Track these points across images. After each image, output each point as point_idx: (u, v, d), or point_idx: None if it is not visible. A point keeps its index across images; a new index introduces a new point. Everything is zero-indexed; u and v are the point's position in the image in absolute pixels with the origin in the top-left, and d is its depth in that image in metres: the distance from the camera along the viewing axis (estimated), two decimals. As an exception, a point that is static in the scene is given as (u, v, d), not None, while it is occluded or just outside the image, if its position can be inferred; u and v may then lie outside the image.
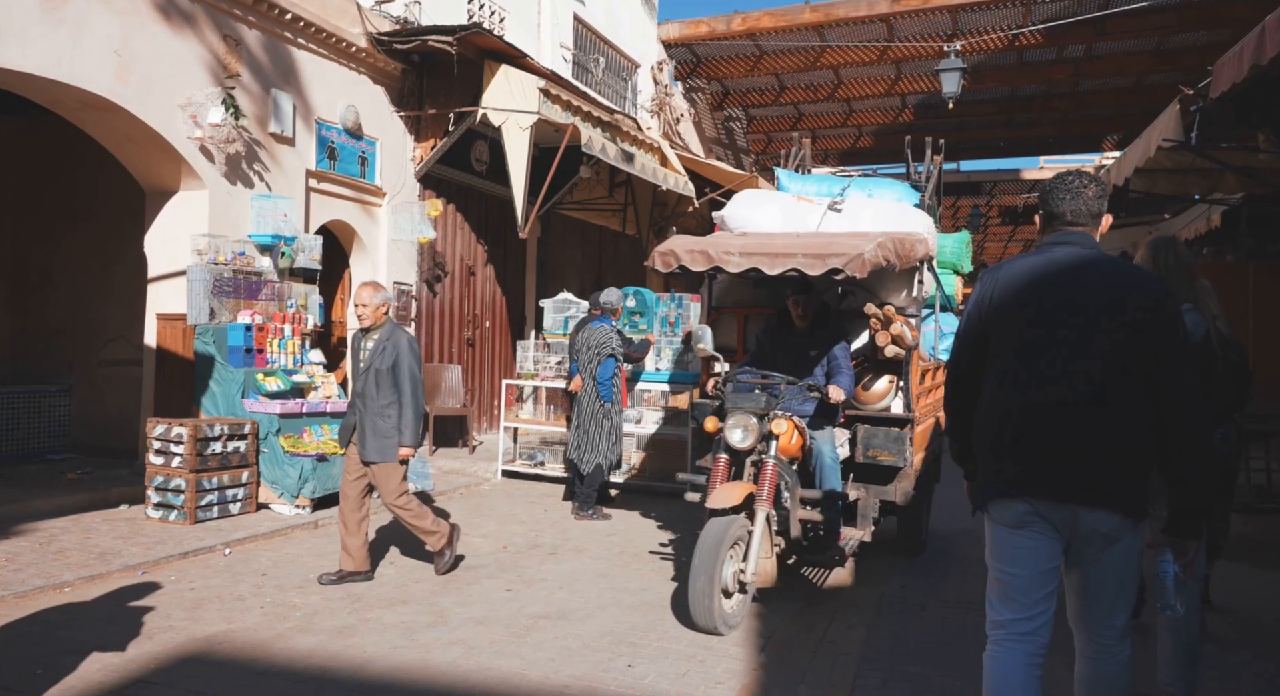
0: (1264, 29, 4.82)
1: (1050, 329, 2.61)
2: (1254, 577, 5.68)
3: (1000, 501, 2.68)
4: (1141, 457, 2.57)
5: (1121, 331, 2.55)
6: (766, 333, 5.62)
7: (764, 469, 4.68)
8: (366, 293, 5.32)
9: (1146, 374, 2.54)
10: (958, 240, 7.24)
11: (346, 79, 9.03)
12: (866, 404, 5.61)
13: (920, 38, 13.92)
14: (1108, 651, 2.67)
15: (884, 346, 5.34)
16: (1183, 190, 8.65)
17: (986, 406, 2.73)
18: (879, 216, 5.72)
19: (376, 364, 5.28)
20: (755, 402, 4.76)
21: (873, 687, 3.85)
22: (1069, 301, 2.60)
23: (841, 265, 4.72)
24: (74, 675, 3.73)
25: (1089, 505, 2.54)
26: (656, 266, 5.28)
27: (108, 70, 6.67)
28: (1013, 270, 2.75)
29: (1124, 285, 2.59)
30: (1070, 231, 2.71)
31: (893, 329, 5.29)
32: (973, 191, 20.93)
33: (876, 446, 5.37)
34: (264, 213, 7.81)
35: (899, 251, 5.06)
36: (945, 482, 6.60)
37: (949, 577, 5.75)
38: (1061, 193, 2.72)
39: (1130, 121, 15.88)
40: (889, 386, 5.59)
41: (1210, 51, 10.16)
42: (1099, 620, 2.66)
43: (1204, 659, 3.69)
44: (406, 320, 9.99)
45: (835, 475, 5.09)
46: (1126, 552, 2.59)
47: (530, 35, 12.27)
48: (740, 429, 4.76)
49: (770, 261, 4.93)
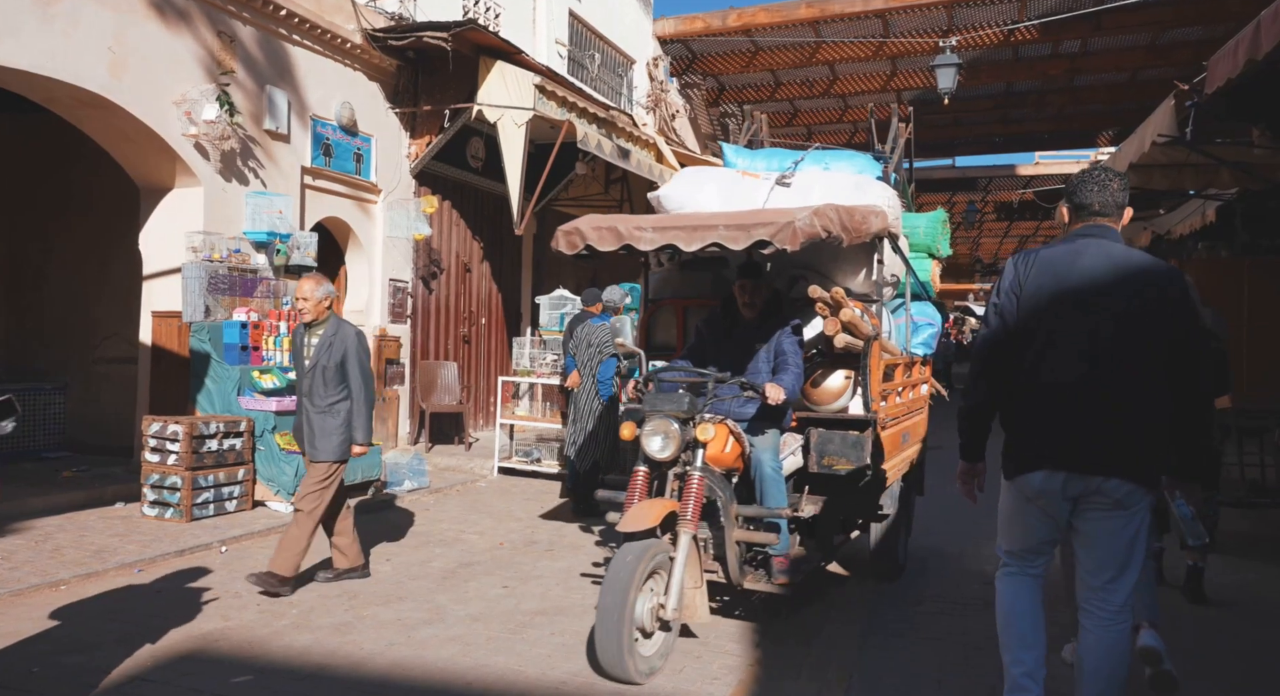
0: (1259, 24, 4.83)
1: (1081, 314, 2.86)
2: (1251, 571, 5.70)
3: (1028, 474, 2.96)
4: (1161, 431, 2.87)
5: (1146, 315, 2.83)
6: (708, 324, 4.88)
7: (688, 483, 3.99)
8: (308, 285, 5.07)
9: (1165, 352, 2.84)
10: (932, 220, 6.51)
11: (341, 75, 9.01)
12: (819, 403, 4.86)
13: (915, 33, 13.91)
14: (1110, 621, 2.91)
15: (833, 335, 4.50)
16: (1178, 186, 8.66)
17: (1026, 386, 2.96)
18: (833, 190, 4.98)
19: (323, 361, 5.04)
20: (677, 404, 4.04)
21: (869, 683, 3.86)
22: (1098, 289, 2.85)
23: (769, 236, 4.00)
24: (71, 673, 3.73)
25: (1110, 474, 2.83)
26: (560, 247, 4.59)
27: (102, 67, 6.64)
28: (1045, 257, 2.99)
29: (1148, 274, 2.87)
30: (1097, 222, 2.98)
31: (843, 315, 4.43)
32: (968, 187, 20.96)
33: (831, 453, 4.56)
34: (259, 210, 7.79)
35: (846, 223, 4.26)
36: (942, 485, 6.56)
37: (944, 576, 5.76)
38: (1090, 185, 2.98)
39: (1125, 117, 15.91)
40: (845, 383, 4.81)
41: (1205, 47, 10.17)
42: (1104, 586, 2.91)
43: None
44: (403, 317, 9.98)
45: (778, 488, 4.37)
46: (1137, 521, 2.89)
47: (526, 31, 12.25)
48: (659, 436, 4.05)
49: (688, 236, 4.21)
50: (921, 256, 6.37)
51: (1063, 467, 2.88)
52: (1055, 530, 3.03)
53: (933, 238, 6.40)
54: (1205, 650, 4.28)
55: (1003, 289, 3.06)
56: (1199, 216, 10.69)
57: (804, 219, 4.03)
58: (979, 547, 6.31)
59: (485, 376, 11.59)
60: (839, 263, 5.16)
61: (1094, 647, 2.93)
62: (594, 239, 4.48)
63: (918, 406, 5.98)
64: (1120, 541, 2.90)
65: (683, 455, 4.09)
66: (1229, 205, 10.17)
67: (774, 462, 4.40)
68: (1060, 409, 2.89)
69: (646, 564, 3.73)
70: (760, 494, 4.38)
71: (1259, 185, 8.39)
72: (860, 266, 5.10)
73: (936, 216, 6.55)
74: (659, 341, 5.57)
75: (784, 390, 4.28)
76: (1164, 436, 2.88)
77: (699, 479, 4.02)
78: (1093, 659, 2.92)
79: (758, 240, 4.06)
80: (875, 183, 5.29)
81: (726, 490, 4.22)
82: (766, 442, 4.47)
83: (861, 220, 4.42)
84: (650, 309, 5.77)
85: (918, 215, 6.63)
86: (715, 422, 4.19)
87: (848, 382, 4.80)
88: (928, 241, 6.40)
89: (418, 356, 10.28)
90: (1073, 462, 2.86)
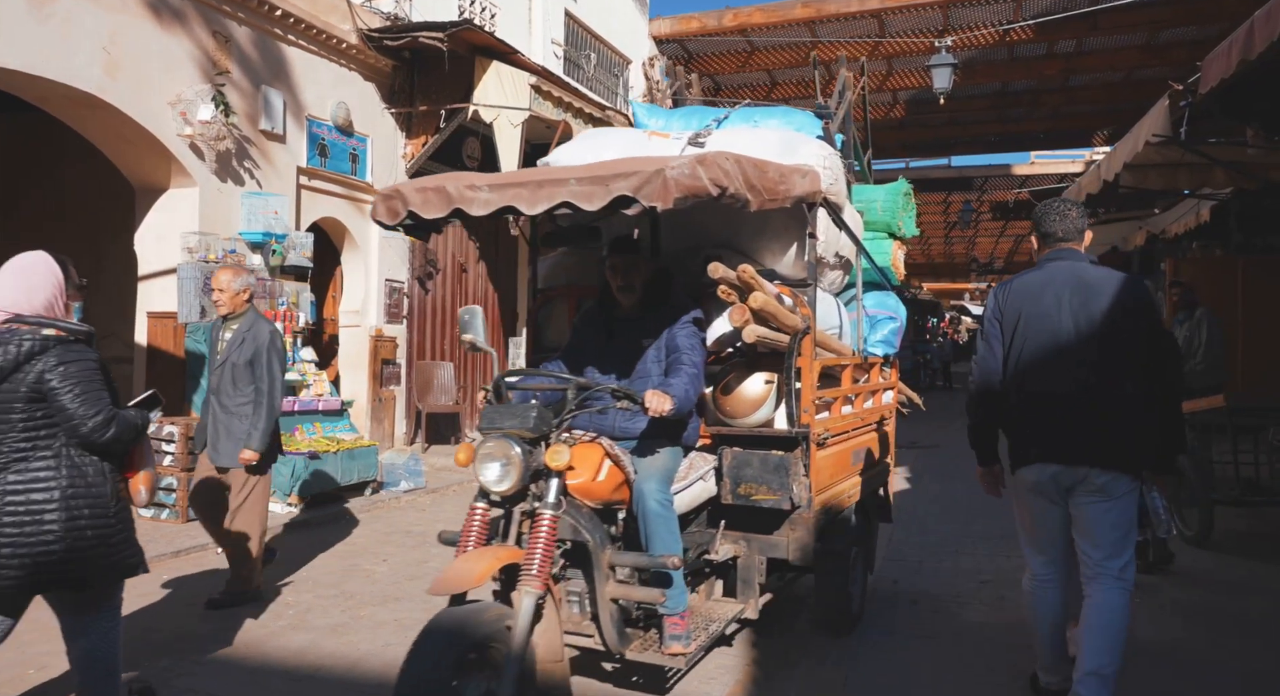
0: (1252, 24, 4.84)
1: (1056, 328, 3.25)
2: (1247, 570, 5.72)
3: (1028, 467, 3.33)
4: (1136, 425, 3.21)
5: (1120, 325, 3.20)
6: (585, 320, 3.99)
7: (537, 525, 3.02)
8: (225, 276, 4.73)
9: (1138, 355, 3.21)
10: (891, 192, 5.46)
11: (337, 76, 9.00)
12: (735, 416, 3.91)
13: (911, 33, 13.93)
14: (1111, 583, 3.25)
15: (740, 326, 3.55)
16: (1172, 185, 8.68)
17: (1017, 394, 3.34)
18: (756, 149, 3.89)
19: (234, 357, 4.66)
20: (522, 420, 3.06)
21: (865, 682, 3.86)
22: (1075, 305, 3.25)
23: (631, 191, 3.01)
24: (67, 674, 3.72)
25: (1097, 466, 3.18)
26: (380, 218, 3.62)
27: (97, 67, 6.63)
28: (1021, 283, 3.41)
29: (1116, 287, 3.25)
30: (1062, 247, 3.39)
31: (754, 301, 3.48)
32: (964, 187, 20.99)
33: (749, 479, 3.74)
34: (255, 210, 7.78)
35: (752, 178, 3.34)
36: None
37: (940, 574, 5.78)
38: (1053, 216, 3.42)
39: (1121, 116, 15.93)
40: (766, 390, 3.86)
41: (1200, 46, 10.20)
42: (1102, 558, 3.26)
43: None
44: (399, 317, 9.97)
45: (667, 527, 3.39)
46: (1124, 504, 3.24)
47: (522, 31, 12.25)
48: (495, 462, 3.05)
49: (531, 195, 3.24)
50: (880, 236, 5.36)
51: (1053, 461, 3.25)
52: (1062, 515, 3.35)
53: (893, 213, 5.34)
54: (1204, 650, 4.30)
55: (987, 317, 3.49)
56: (1194, 216, 10.72)
57: (680, 168, 3.03)
58: (974, 546, 6.32)
59: (482, 376, 11.58)
60: (764, 238, 4.19)
61: (1098, 606, 3.26)
62: (418, 203, 3.48)
63: (877, 418, 5.02)
64: (1108, 523, 3.24)
65: (533, 487, 3.11)
66: (1223, 204, 10.21)
67: (661, 494, 3.41)
68: (1047, 412, 3.27)
69: (466, 640, 2.68)
70: (645, 536, 3.40)
71: (1253, 184, 8.42)
72: (794, 243, 4.13)
73: (896, 188, 5.46)
74: (550, 341, 4.59)
75: (671, 399, 3.26)
76: (1139, 430, 3.22)
77: (549, 520, 3.02)
78: (1096, 616, 3.25)
79: (618, 197, 3.04)
80: (810, 141, 4.32)
81: (598, 531, 3.28)
82: (653, 467, 3.48)
83: (778, 178, 3.54)
84: (538, 300, 4.71)
85: (875, 187, 5.60)
86: (586, 441, 3.38)
87: (769, 389, 3.87)
88: (887, 218, 5.34)
89: (414, 357, 10.28)
90: (1061, 457, 3.24)
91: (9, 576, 2.67)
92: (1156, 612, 4.76)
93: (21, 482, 2.68)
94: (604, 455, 3.37)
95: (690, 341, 3.65)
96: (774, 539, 3.86)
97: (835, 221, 4.28)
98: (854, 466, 4.53)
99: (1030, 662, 3.72)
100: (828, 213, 4.13)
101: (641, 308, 3.78)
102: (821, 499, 3.93)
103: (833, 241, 4.31)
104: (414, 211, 3.52)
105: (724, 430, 3.92)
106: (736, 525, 3.92)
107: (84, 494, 2.77)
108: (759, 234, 4.19)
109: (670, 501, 3.45)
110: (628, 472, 3.43)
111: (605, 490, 3.35)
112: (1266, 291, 9.31)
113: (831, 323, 4.44)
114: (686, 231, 4.20)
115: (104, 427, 2.78)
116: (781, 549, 3.84)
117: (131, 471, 3.06)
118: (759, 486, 3.75)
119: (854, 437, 4.52)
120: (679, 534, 3.44)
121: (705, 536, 3.88)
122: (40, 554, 2.68)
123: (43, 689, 3.64)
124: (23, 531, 2.66)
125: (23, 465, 2.69)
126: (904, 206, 5.45)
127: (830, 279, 4.45)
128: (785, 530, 3.85)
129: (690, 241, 4.33)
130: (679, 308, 3.75)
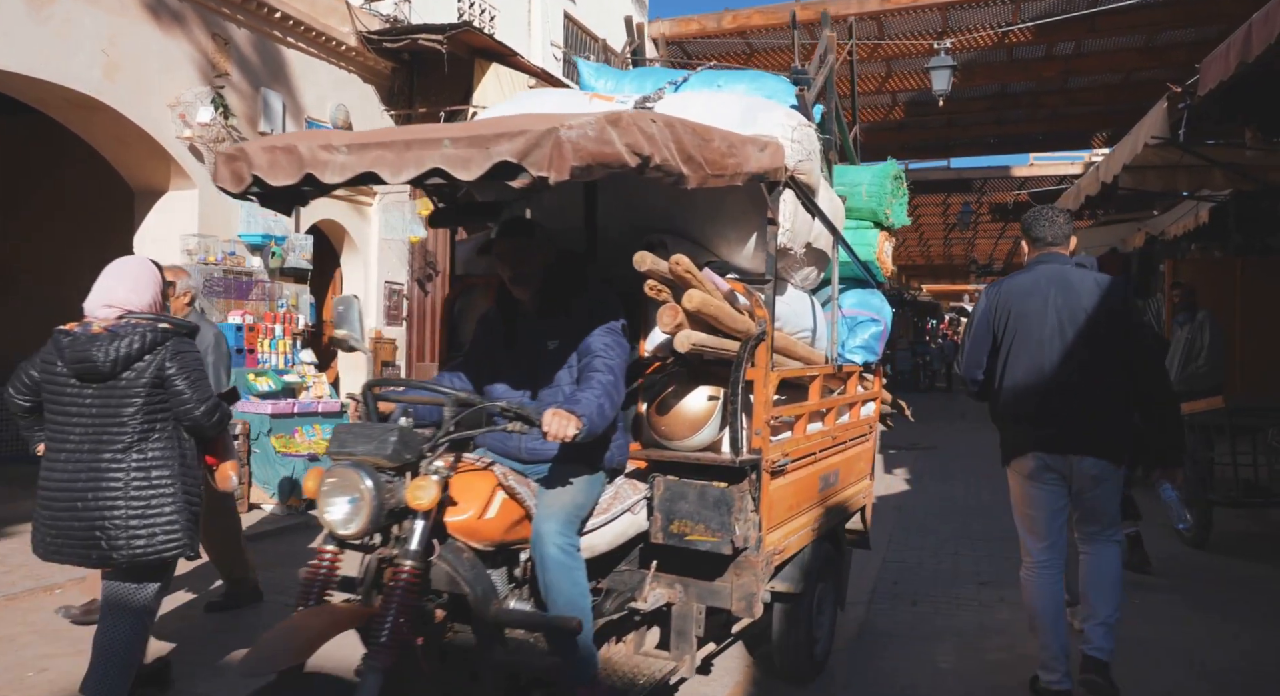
0: (1250, 27, 4.85)
1: (1049, 327, 3.49)
2: (1249, 571, 5.72)
3: (1020, 458, 3.59)
4: (1122, 419, 3.52)
5: (1101, 324, 3.46)
6: (485, 323, 3.31)
7: (394, 578, 2.41)
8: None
9: (1122, 353, 3.46)
10: (879, 175, 4.70)
11: (336, 78, 9.01)
12: (671, 438, 3.19)
13: (910, 35, 13.93)
14: (1105, 546, 3.64)
15: (670, 331, 2.86)
16: (1171, 187, 8.68)
17: (1006, 388, 3.61)
18: (710, 116, 3.16)
19: None
20: (378, 446, 2.45)
21: (865, 683, 3.86)
22: (1060, 305, 3.50)
23: (514, 157, 2.24)
24: (67, 677, 3.72)
25: (1084, 454, 3.46)
26: (222, 183, 2.80)
27: (96, 69, 6.64)
28: (1013, 284, 3.65)
29: (1100, 288, 3.51)
30: (1050, 251, 3.65)
31: (689, 300, 2.80)
32: (963, 188, 20.98)
33: (683, 516, 3.08)
34: (254, 212, 7.79)
35: (687, 147, 2.59)
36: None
37: (940, 576, 5.78)
38: (1042, 222, 3.69)
39: (1120, 118, 15.93)
40: (709, 407, 3.15)
41: (1199, 48, 10.21)
42: (1098, 531, 3.64)
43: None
44: (399, 319, 9.98)
45: (569, 579, 2.73)
46: (1112, 488, 3.57)
47: (521, 33, 12.26)
48: (342, 498, 2.43)
49: (397, 159, 2.44)
50: (864, 226, 4.67)
51: (1044, 450, 3.52)
52: (1058, 498, 3.57)
53: (880, 199, 4.62)
54: (1204, 650, 4.30)
55: (979, 315, 3.75)
56: (1192, 217, 10.72)
57: (582, 129, 2.25)
58: (974, 547, 6.32)
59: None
60: (720, 224, 3.47)
61: (1094, 562, 3.64)
62: (264, 166, 2.64)
63: (854, 435, 4.34)
64: (1098, 504, 3.58)
65: (396, 528, 2.49)
66: (1222, 206, 10.21)
67: (563, 537, 2.74)
68: (1039, 404, 3.52)
69: None
70: (543, 588, 2.75)
71: (1251, 186, 8.43)
72: (755, 231, 3.41)
73: (885, 170, 4.72)
74: (466, 337, 3.78)
75: (577, 419, 2.61)
76: (1120, 421, 3.51)
77: (409, 572, 2.40)
78: (1094, 572, 3.63)
79: (499, 163, 2.25)
80: (776, 108, 3.56)
81: (481, 583, 2.65)
82: (558, 502, 2.81)
83: (726, 149, 2.81)
84: (454, 291, 3.98)
85: (860, 168, 4.88)
86: (475, 469, 2.80)
87: (714, 406, 3.15)
88: (873, 204, 4.62)
89: (413, 358, 10.28)
90: (1053, 446, 3.50)
91: (136, 546, 2.92)
92: (1156, 613, 4.77)
93: (144, 460, 2.97)
94: (495, 486, 2.76)
95: (606, 340, 2.95)
96: (715, 585, 3.21)
97: (807, 206, 3.56)
98: (822, 493, 3.87)
99: (1030, 665, 3.72)
100: (797, 195, 3.43)
101: (543, 303, 3.09)
102: (776, 537, 3.32)
103: (803, 230, 3.57)
104: (260, 176, 2.67)
105: (657, 455, 3.23)
106: (671, 567, 3.25)
107: (189, 474, 3.09)
108: (713, 218, 3.50)
109: (575, 546, 2.79)
110: (528, 507, 2.81)
111: (497, 529, 2.73)
112: (1265, 292, 9.31)
113: (802, 325, 3.82)
114: (633, 212, 3.49)
115: (212, 412, 3.09)
116: (723, 597, 3.19)
117: (212, 458, 3.44)
118: (695, 524, 3.07)
119: (824, 459, 3.86)
120: (586, 586, 2.81)
121: (635, 579, 3.24)
122: (164, 525, 2.96)
123: (43, 690, 3.63)
124: (149, 505, 2.95)
125: (144, 445, 2.98)
126: (894, 191, 4.70)
127: (804, 275, 3.88)
128: (729, 575, 3.19)
129: (636, 225, 3.59)
130: (597, 301, 3.05)
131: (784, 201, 3.34)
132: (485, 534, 2.72)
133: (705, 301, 2.86)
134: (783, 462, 3.33)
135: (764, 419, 3.17)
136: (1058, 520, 3.60)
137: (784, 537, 3.42)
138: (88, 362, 2.96)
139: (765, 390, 3.19)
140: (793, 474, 3.48)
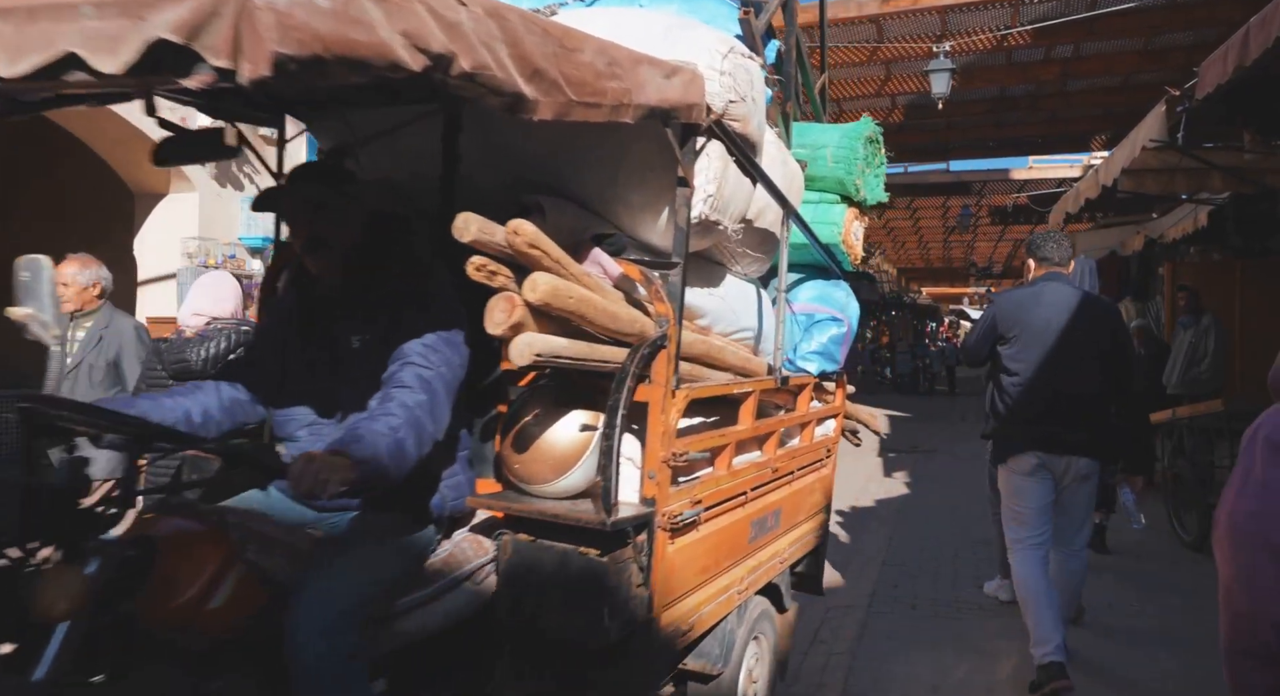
0: (1248, 30, 4.86)
1: (1049, 339, 3.88)
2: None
3: (1018, 456, 3.97)
4: (1107, 421, 3.95)
5: (1096, 341, 3.88)
6: (277, 310, 2.52)
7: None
8: (71, 269, 4.02)
9: (1109, 366, 3.89)
10: (849, 135, 3.67)
11: (336, 81, 9.01)
12: (530, 481, 2.31)
13: (909, 38, 13.96)
14: (1075, 553, 4.15)
15: (503, 334, 1.97)
16: (1170, 190, 8.70)
17: (1008, 392, 3.99)
18: (626, 35, 2.22)
19: (90, 358, 4.01)
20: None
21: (864, 686, 3.87)
22: (1061, 320, 3.90)
23: (179, 34, 1.20)
24: (65, 680, 3.72)
25: (1078, 454, 3.89)
26: None
27: (96, 73, 6.64)
28: (1021, 296, 4.10)
29: (1095, 308, 3.98)
30: (1054, 270, 4.09)
31: (530, 289, 1.94)
32: (962, 191, 21.03)
33: (536, 592, 2.16)
34: (254, 215, 7.79)
35: (529, 54, 1.63)
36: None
37: (939, 579, 5.78)
38: (1050, 243, 4.15)
39: (1118, 120, 15.97)
40: (585, 440, 2.28)
41: (1197, 51, 10.23)
42: (1073, 532, 4.09)
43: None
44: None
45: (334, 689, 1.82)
46: (1094, 485, 4.04)
47: (520, 36, 12.28)
48: None
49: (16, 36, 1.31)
50: (829, 199, 3.71)
51: (1045, 450, 3.90)
52: (1049, 492, 3.96)
53: (849, 166, 3.61)
54: (1202, 637, 4.31)
55: (989, 316, 4.17)
56: (1191, 220, 10.74)
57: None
58: (973, 551, 6.32)
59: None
60: (616, 183, 2.51)
61: (1064, 570, 4.11)
62: None
63: (805, 462, 3.42)
64: (1083, 501, 4.03)
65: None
66: (1221, 209, 10.23)
67: (331, 638, 1.81)
68: (1039, 409, 3.92)
69: None
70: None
71: (1250, 188, 8.44)
72: (667, 195, 2.42)
73: (856, 130, 3.73)
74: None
75: (349, 464, 1.77)
76: (1106, 425, 3.93)
77: None
78: (1062, 579, 4.07)
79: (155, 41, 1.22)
80: (708, 32, 2.53)
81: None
82: (328, 581, 1.88)
83: (602, 66, 1.88)
84: (277, 260, 2.96)
85: (827, 127, 3.95)
86: (192, 529, 1.87)
87: (590, 438, 2.28)
88: (840, 173, 3.62)
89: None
90: (1052, 447, 3.89)
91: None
92: (1157, 606, 4.77)
93: None
94: (220, 558, 1.81)
95: (429, 341, 2.06)
96: (593, 678, 2.24)
97: (744, 165, 2.55)
98: (757, 541, 2.91)
99: (1030, 669, 3.73)
100: (728, 150, 2.44)
101: (348, 284, 2.21)
102: (684, 610, 2.40)
103: (736, 198, 2.58)
104: None
105: (514, 506, 2.25)
106: (531, 655, 2.28)
107: None
108: (612, 175, 2.49)
109: (351, 645, 1.85)
110: (287, 584, 1.88)
111: (227, 618, 1.81)
112: (1265, 294, 9.33)
113: (741, 324, 3.03)
114: (511, 161, 2.59)
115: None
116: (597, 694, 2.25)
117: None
118: (552, 608, 2.12)
119: (759, 497, 2.90)
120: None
121: (475, 675, 2.30)
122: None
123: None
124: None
125: None
126: (867, 158, 3.71)
127: (747, 259, 3.01)
128: (605, 667, 2.22)
129: (515, 176, 2.62)
130: (422, 281, 2.19)
131: (707, 156, 2.39)
132: (210, 627, 1.80)
133: (557, 291, 1.96)
134: (689, 515, 2.35)
135: (661, 457, 2.21)
136: (1046, 512, 3.97)
137: (695, 609, 2.46)
138: (183, 363, 3.39)
139: (664, 416, 2.23)
140: (711, 523, 2.53)
